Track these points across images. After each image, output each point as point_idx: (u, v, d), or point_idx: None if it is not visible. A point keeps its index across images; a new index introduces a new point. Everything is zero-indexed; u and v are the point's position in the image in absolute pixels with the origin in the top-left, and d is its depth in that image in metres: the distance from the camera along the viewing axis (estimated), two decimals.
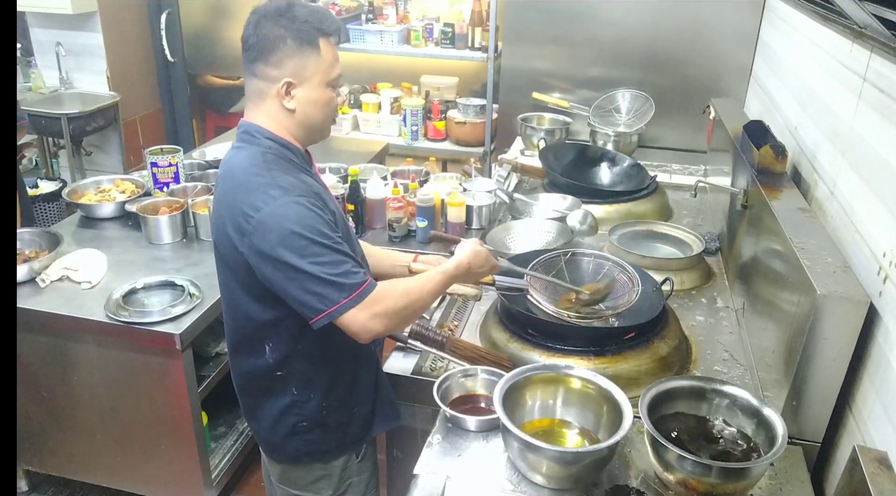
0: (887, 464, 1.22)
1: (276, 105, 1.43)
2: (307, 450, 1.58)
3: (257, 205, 1.34)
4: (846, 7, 1.50)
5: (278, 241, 1.33)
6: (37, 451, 2.41)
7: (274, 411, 1.55)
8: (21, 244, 2.37)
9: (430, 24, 4.13)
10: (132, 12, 4.59)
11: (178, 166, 2.75)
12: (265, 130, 1.44)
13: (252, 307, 1.46)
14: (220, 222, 1.43)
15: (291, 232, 1.32)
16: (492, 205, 2.48)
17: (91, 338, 2.14)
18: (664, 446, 1.27)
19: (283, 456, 1.61)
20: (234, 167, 1.43)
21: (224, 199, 1.43)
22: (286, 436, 1.56)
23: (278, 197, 1.34)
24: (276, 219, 1.33)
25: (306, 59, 1.40)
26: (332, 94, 1.47)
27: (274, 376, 1.52)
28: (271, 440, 1.60)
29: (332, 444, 1.59)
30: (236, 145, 1.47)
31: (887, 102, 1.51)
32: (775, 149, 1.99)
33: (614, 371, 1.59)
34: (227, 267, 1.46)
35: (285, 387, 1.53)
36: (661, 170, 2.95)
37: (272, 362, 1.50)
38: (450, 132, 4.10)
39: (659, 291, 1.79)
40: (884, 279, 1.40)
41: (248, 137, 1.45)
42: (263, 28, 1.39)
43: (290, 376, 1.52)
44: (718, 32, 3.09)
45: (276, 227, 1.33)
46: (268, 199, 1.34)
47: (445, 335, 1.73)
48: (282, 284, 1.36)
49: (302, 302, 1.35)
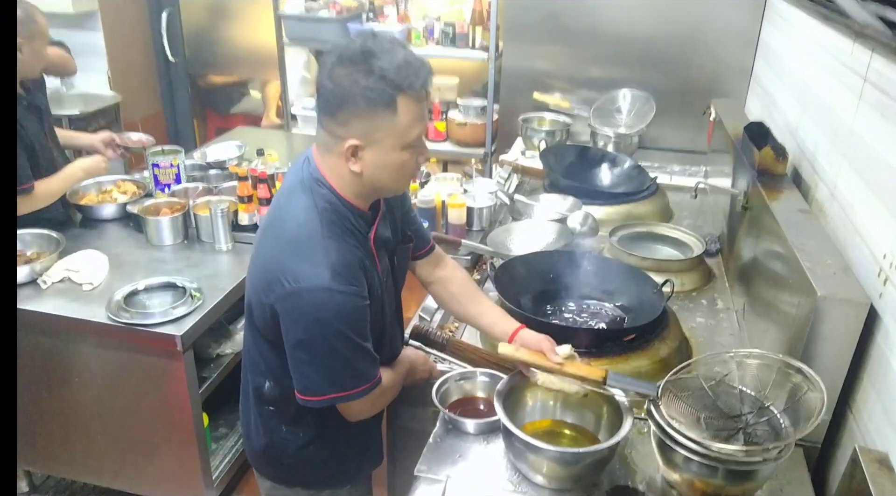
0: (888, 465, 1.22)
1: (342, 163, 1.29)
2: (292, 478, 1.58)
3: (299, 276, 1.26)
4: (847, 7, 1.50)
5: (305, 323, 1.27)
6: (37, 452, 2.42)
7: (262, 438, 1.54)
8: (22, 245, 2.37)
9: (430, 23, 4.13)
10: (133, 12, 4.59)
11: (180, 167, 2.75)
12: (328, 183, 1.32)
13: (262, 344, 1.44)
14: (256, 270, 1.37)
15: (322, 321, 1.26)
16: (492, 206, 2.48)
17: (92, 340, 2.14)
18: (670, 447, 1.26)
19: (269, 475, 1.60)
20: (287, 218, 1.33)
21: (266, 250, 1.35)
22: (274, 461, 1.56)
23: (323, 278, 1.25)
24: (312, 302, 1.26)
25: (378, 121, 1.22)
26: (409, 156, 1.29)
27: (265, 411, 1.51)
28: (259, 459, 1.60)
29: (315, 477, 1.58)
30: (294, 184, 1.35)
31: (888, 103, 1.51)
32: (776, 150, 1.99)
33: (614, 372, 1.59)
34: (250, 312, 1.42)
35: (277, 420, 1.50)
36: (661, 171, 2.95)
37: (268, 396, 1.48)
38: (450, 133, 4.10)
39: (659, 293, 1.79)
40: (884, 281, 1.40)
41: (312, 184, 1.32)
42: (335, 77, 1.22)
43: (282, 413, 1.49)
44: (719, 33, 3.09)
45: (310, 310, 1.26)
46: (312, 277, 1.25)
47: (446, 336, 1.73)
48: (290, 356, 1.33)
49: (303, 378, 1.34)
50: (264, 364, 1.46)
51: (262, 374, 1.48)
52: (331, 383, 1.33)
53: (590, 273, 1.94)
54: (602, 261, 1.98)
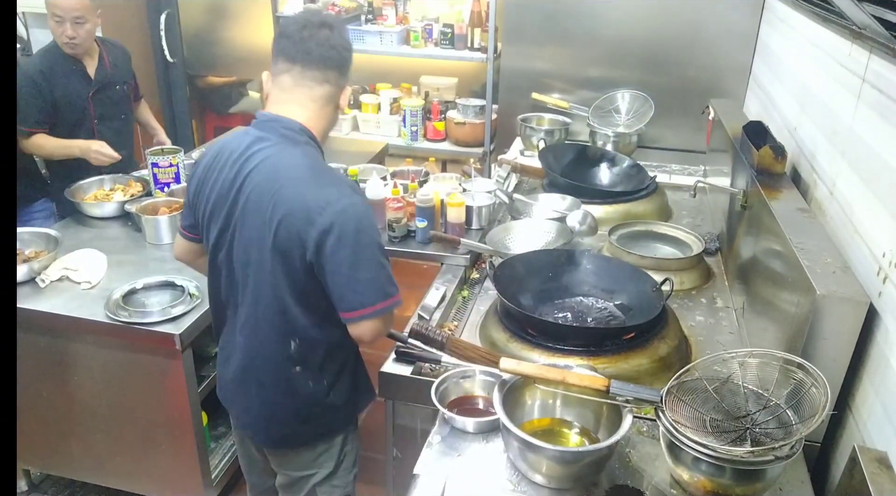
0: (887, 464, 1.22)
1: (334, 111, 1.58)
2: (316, 432, 1.68)
3: (331, 199, 1.42)
4: (845, 8, 1.50)
5: (353, 237, 1.42)
6: (36, 451, 2.41)
7: (291, 406, 1.62)
8: (21, 244, 2.37)
9: (429, 24, 4.13)
10: (131, 13, 4.58)
11: (179, 166, 2.75)
12: (309, 131, 1.53)
13: (287, 304, 1.51)
14: (285, 217, 1.44)
15: (363, 231, 1.44)
16: (491, 205, 2.48)
17: (91, 339, 2.14)
18: (679, 447, 1.26)
19: (291, 443, 1.70)
20: (293, 164, 1.47)
21: (289, 196, 1.44)
22: (300, 424, 1.65)
23: (352, 195, 1.46)
24: (354, 215, 1.43)
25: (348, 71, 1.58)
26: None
27: (291, 375, 1.59)
28: (280, 432, 1.67)
29: (339, 423, 1.71)
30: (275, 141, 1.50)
31: (886, 103, 1.51)
32: (775, 149, 1.99)
33: (614, 371, 1.60)
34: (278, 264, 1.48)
35: (303, 378, 1.59)
36: (660, 170, 2.95)
37: (295, 356, 1.57)
38: (449, 132, 4.10)
39: (659, 291, 1.79)
40: (883, 279, 1.40)
41: (295, 136, 1.50)
42: (335, 40, 1.52)
43: (307, 367, 1.59)
44: (718, 33, 3.09)
45: (352, 223, 1.42)
46: (343, 196, 1.44)
47: (445, 335, 1.73)
48: (336, 278, 1.43)
49: (352, 294, 1.44)
50: (288, 325, 1.54)
51: (286, 337, 1.55)
52: (376, 291, 1.46)
53: (589, 272, 1.94)
54: (601, 259, 1.99)
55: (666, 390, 1.32)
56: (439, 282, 2.09)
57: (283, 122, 1.51)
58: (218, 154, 1.56)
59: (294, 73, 1.51)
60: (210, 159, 1.57)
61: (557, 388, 1.45)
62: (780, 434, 1.26)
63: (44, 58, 2.76)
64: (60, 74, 2.74)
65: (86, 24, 2.69)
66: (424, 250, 2.33)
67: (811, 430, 1.19)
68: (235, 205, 1.50)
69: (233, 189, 1.50)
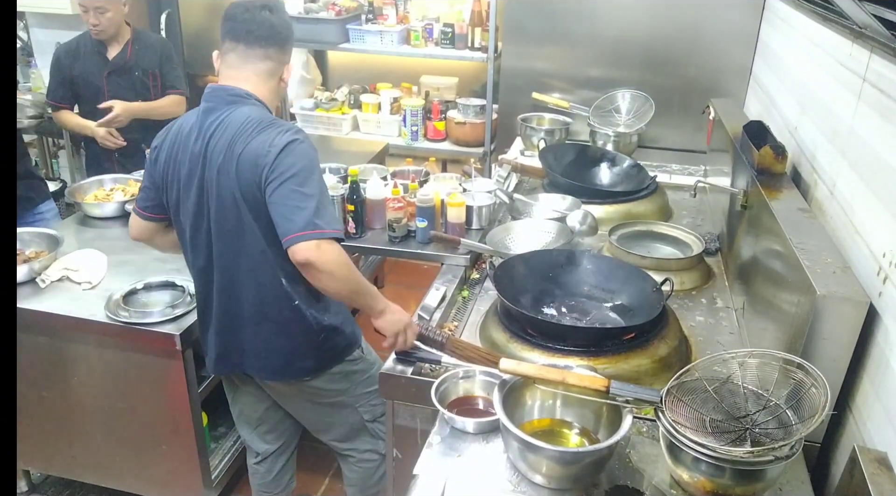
0: (887, 464, 1.22)
1: (278, 84, 1.78)
2: (331, 355, 1.88)
3: (275, 139, 1.60)
4: (846, 7, 1.50)
5: (300, 165, 1.58)
6: (37, 452, 2.42)
7: (299, 336, 1.80)
8: (21, 244, 2.37)
9: (429, 24, 4.12)
10: (132, 12, 4.50)
11: None
12: (255, 96, 1.71)
13: (268, 252, 1.68)
14: (235, 166, 1.62)
15: (310, 166, 1.60)
16: (492, 205, 2.48)
17: (91, 339, 2.14)
18: (678, 447, 1.26)
19: (309, 372, 1.86)
20: (241, 119, 1.64)
21: (241, 148, 1.61)
22: (314, 347, 1.83)
23: (297, 133, 1.64)
24: (302, 151, 1.61)
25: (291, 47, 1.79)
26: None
27: (290, 308, 1.75)
28: (297, 365, 1.84)
29: (346, 341, 1.90)
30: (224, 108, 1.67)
31: (887, 103, 1.51)
32: (775, 149, 1.99)
33: (614, 371, 1.59)
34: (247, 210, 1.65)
35: (302, 308, 1.76)
36: (660, 170, 2.95)
37: (288, 290, 1.73)
38: (450, 132, 4.10)
39: (659, 292, 1.79)
40: (883, 279, 1.40)
41: (242, 99, 1.69)
42: (275, 19, 1.70)
43: (302, 297, 1.75)
44: (718, 33, 3.09)
45: (300, 157, 1.59)
46: (287, 134, 1.62)
47: (445, 335, 1.73)
48: (284, 200, 1.57)
49: (299, 214, 1.55)
50: (271, 269, 1.71)
51: (274, 278, 1.72)
52: (320, 218, 1.58)
53: (589, 272, 1.94)
54: (601, 259, 1.99)
55: (666, 390, 1.32)
56: (439, 283, 2.09)
57: (228, 90, 1.70)
58: (178, 133, 1.73)
59: (239, 51, 1.71)
60: (172, 139, 1.74)
61: (557, 389, 1.45)
62: (779, 434, 1.26)
63: (77, 39, 3.11)
64: (83, 54, 3.07)
65: (107, 12, 2.97)
66: (425, 250, 2.33)
67: (811, 431, 1.19)
68: (204, 173, 1.67)
69: (200, 159, 1.67)
